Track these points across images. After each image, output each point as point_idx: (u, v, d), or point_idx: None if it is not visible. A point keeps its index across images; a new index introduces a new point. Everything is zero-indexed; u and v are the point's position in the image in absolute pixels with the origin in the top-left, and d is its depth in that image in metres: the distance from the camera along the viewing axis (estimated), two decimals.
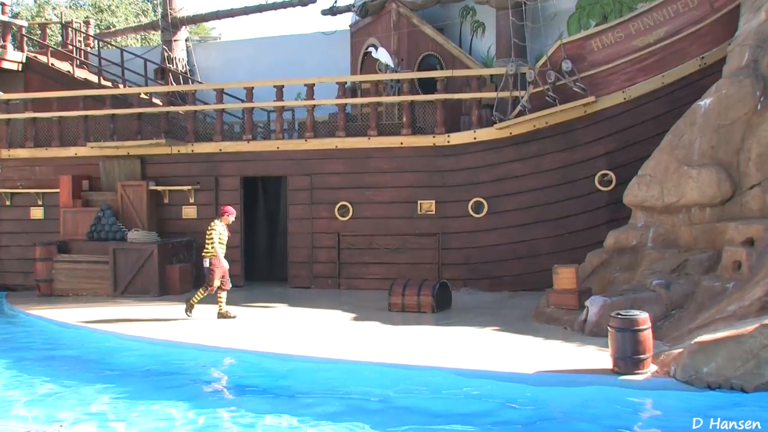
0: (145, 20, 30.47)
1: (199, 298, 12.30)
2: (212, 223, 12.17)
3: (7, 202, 16.69)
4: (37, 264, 15.30)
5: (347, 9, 18.38)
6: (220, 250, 12.02)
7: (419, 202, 14.55)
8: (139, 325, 11.75)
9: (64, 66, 19.20)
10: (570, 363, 8.75)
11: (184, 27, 20.91)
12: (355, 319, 11.92)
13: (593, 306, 10.16)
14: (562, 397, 7.99)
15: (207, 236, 12.05)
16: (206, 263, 12.07)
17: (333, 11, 18.65)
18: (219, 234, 12.06)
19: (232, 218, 12.39)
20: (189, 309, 12.27)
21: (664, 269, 10.61)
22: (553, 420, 7.47)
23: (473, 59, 16.48)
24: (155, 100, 17.99)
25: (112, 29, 27.47)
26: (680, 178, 11.08)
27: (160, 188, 15.83)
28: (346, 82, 15.89)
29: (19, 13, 29.69)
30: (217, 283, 12.04)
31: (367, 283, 14.64)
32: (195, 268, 15.55)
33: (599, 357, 8.79)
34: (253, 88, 15.94)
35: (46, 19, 28.88)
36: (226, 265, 12.13)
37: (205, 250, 12.09)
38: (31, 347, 11.22)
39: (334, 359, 9.41)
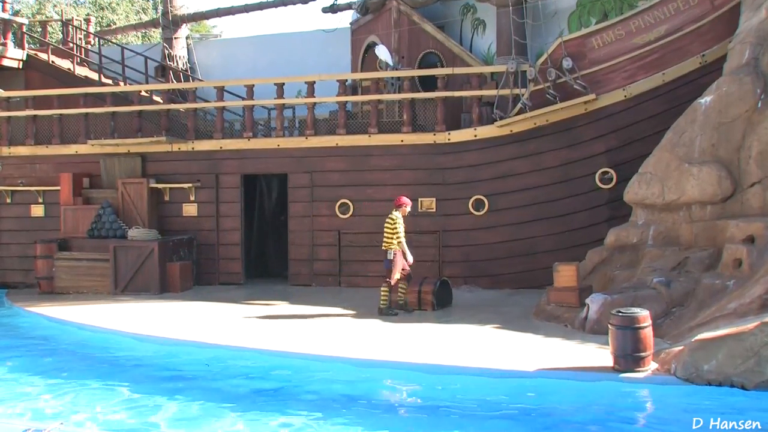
0: (145, 18, 30.49)
1: (386, 295, 11.94)
2: (393, 216, 11.86)
3: (8, 200, 16.69)
4: (37, 261, 15.33)
5: (348, 7, 18.34)
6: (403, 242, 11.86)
7: (420, 199, 14.52)
8: (139, 323, 11.76)
9: (64, 63, 19.20)
10: (571, 360, 8.75)
11: (184, 24, 20.91)
12: (356, 316, 11.92)
13: (594, 304, 10.17)
14: (563, 394, 7.99)
15: (391, 229, 11.76)
16: (389, 255, 11.76)
17: (333, 9, 18.63)
18: (402, 226, 11.87)
19: (409, 208, 12.18)
20: (386, 310, 11.87)
21: (665, 267, 10.61)
22: (553, 417, 7.47)
23: (474, 57, 16.45)
24: (156, 98, 17.97)
25: (113, 27, 27.49)
26: (681, 176, 11.09)
27: (160, 186, 15.82)
28: (346, 80, 15.87)
29: (20, 10, 29.69)
30: (396, 275, 11.85)
31: (368, 280, 14.58)
32: (195, 266, 15.59)
33: (600, 355, 8.80)
34: (253, 85, 15.94)
35: (46, 17, 28.91)
36: (410, 259, 11.88)
37: (387, 243, 11.78)
38: (32, 345, 11.23)
39: (333, 357, 9.44)
